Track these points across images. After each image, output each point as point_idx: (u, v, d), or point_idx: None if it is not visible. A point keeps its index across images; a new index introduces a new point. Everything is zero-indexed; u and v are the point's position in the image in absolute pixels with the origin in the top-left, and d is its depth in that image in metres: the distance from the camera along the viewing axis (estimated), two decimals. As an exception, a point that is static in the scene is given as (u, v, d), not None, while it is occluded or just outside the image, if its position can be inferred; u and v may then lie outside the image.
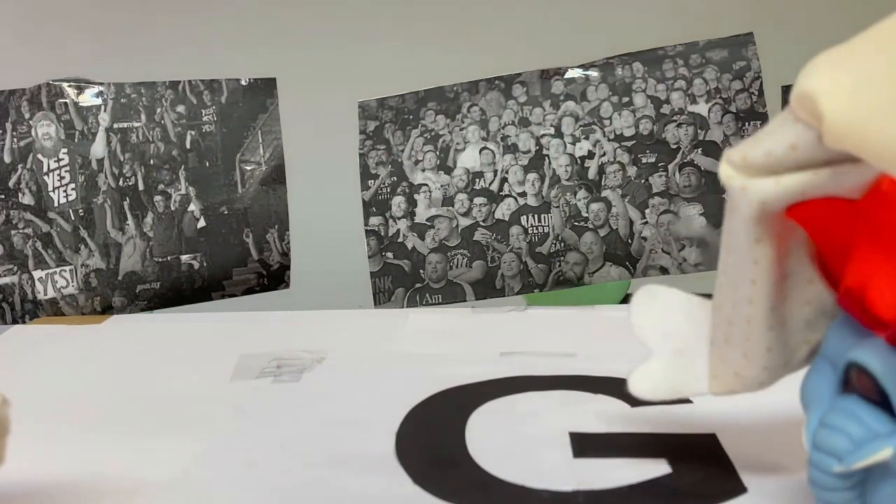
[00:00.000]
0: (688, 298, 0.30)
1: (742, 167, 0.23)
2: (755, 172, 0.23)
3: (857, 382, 0.22)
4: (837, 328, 0.24)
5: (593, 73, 0.63)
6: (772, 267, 0.24)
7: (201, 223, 0.65)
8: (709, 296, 0.28)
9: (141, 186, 0.64)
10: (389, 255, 0.63)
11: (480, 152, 0.63)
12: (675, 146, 0.62)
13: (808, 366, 0.26)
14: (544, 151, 0.62)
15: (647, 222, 0.62)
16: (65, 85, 0.63)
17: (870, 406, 0.22)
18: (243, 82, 0.66)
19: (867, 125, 0.20)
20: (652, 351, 0.30)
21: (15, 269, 0.63)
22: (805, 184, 0.22)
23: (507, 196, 0.62)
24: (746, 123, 0.62)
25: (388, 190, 0.63)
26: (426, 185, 0.63)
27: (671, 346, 0.29)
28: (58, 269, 0.63)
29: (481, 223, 0.62)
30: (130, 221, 0.63)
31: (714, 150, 0.62)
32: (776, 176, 0.22)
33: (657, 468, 0.33)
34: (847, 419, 0.22)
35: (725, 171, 0.23)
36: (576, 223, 0.62)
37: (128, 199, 0.63)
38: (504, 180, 0.62)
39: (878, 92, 0.20)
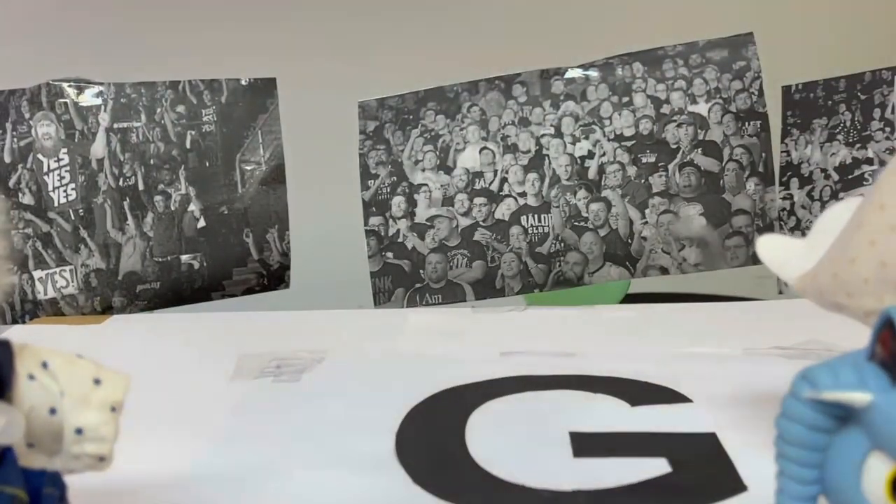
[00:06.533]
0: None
1: None
2: None
3: (882, 343, 0.21)
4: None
5: (593, 73, 0.63)
6: None
7: (201, 223, 0.65)
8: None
9: (141, 186, 0.64)
10: (389, 255, 0.63)
11: (480, 152, 0.63)
12: (675, 146, 0.62)
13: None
14: (544, 151, 0.62)
15: (647, 222, 0.62)
16: (65, 85, 0.63)
17: (878, 368, 0.21)
18: (243, 82, 0.66)
19: None
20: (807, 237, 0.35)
21: (15, 269, 0.63)
22: None
23: (507, 196, 0.62)
24: (746, 123, 0.62)
25: (388, 190, 0.63)
26: (426, 185, 0.63)
27: (814, 241, 0.34)
28: (58, 269, 0.63)
29: (481, 223, 0.62)
30: (130, 221, 0.63)
31: (714, 150, 0.62)
32: None
33: (657, 468, 0.33)
34: (847, 366, 0.21)
35: None
36: (576, 223, 0.62)
37: (128, 198, 0.63)
38: (504, 180, 0.62)
39: None
